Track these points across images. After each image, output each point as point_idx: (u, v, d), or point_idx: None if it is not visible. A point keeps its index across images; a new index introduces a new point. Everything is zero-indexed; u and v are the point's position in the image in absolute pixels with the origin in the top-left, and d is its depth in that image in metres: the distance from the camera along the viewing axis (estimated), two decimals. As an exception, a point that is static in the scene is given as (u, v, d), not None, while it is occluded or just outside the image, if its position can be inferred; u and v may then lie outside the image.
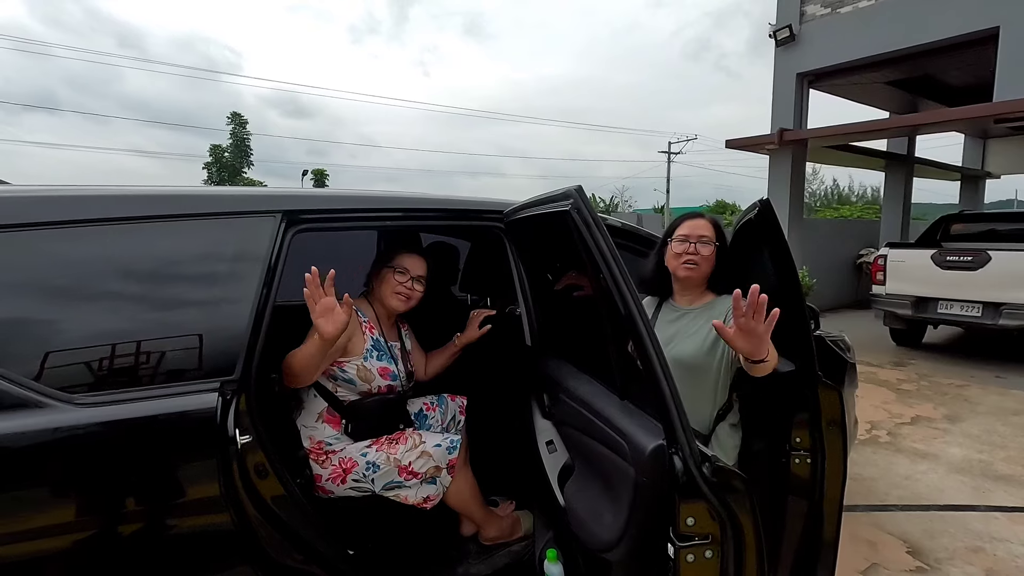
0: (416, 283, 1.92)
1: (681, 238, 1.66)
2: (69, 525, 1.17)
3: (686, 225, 1.69)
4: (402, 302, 1.90)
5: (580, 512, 1.30)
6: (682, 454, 0.99)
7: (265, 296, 1.42)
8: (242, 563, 1.38)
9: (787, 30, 8.22)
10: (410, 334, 2.12)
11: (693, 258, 1.63)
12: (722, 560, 1.00)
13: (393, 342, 1.96)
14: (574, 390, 1.44)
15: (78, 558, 1.20)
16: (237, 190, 1.79)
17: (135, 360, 1.28)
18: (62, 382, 1.20)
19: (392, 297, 1.89)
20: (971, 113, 6.91)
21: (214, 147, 25.92)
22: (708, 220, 1.70)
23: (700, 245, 1.63)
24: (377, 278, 1.93)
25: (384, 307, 1.94)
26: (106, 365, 1.25)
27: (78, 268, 1.28)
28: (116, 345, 1.27)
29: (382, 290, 1.90)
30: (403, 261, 1.91)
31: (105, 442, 1.22)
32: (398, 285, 1.88)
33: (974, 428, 4.13)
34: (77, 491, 1.19)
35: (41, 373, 1.18)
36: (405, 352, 2.02)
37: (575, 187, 1.08)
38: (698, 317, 1.64)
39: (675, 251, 1.66)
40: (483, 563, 1.89)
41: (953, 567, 2.42)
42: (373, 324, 1.89)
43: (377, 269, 1.95)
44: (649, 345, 0.98)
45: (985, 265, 5.54)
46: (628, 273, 1.03)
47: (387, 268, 1.90)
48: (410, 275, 1.90)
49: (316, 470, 1.73)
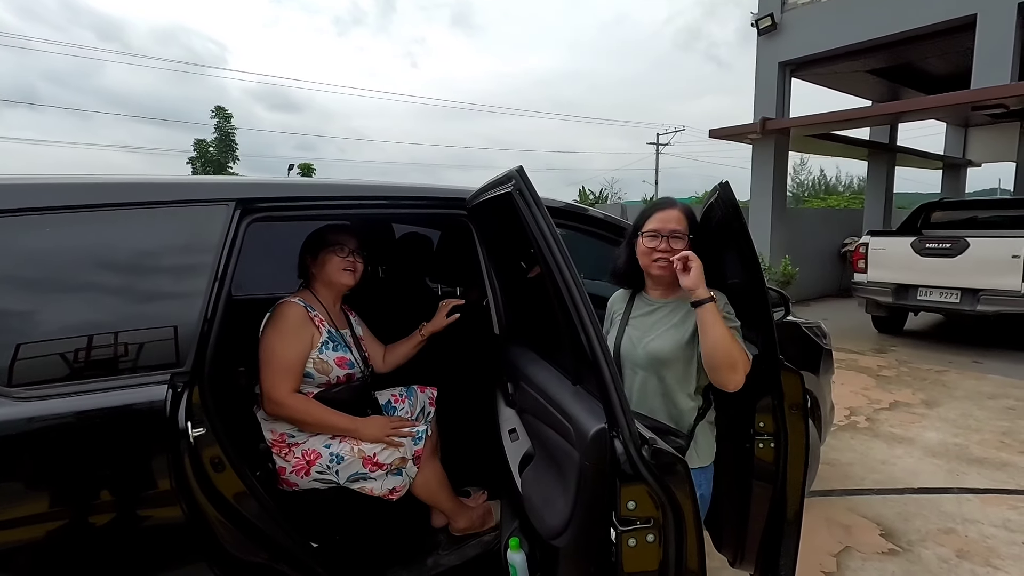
0: (355, 256, 1.93)
1: (651, 233, 1.50)
2: (9, 523, 1.14)
3: (656, 218, 1.53)
4: (351, 275, 1.91)
5: (534, 499, 1.28)
6: (622, 437, 0.98)
7: (218, 287, 1.39)
8: (199, 560, 1.35)
9: (769, 19, 8.22)
10: (360, 321, 2.11)
11: (666, 255, 1.48)
12: (663, 543, 0.99)
13: (344, 330, 1.95)
14: (533, 377, 1.42)
15: (19, 558, 1.16)
16: (189, 178, 1.75)
17: (79, 352, 1.25)
18: (2, 375, 1.16)
19: (341, 275, 1.89)
20: (950, 100, 6.96)
21: (198, 141, 25.55)
22: (680, 210, 1.54)
23: (673, 240, 1.48)
24: (316, 264, 1.90)
25: (332, 289, 1.93)
26: (48, 357, 1.21)
27: (19, 257, 1.24)
28: (59, 337, 1.23)
29: (327, 273, 1.89)
30: (337, 237, 1.91)
31: (47, 437, 1.18)
32: (341, 260, 1.89)
33: (951, 412, 4.19)
34: (18, 489, 1.16)
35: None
36: (356, 338, 2.00)
37: (516, 168, 1.05)
38: (674, 311, 1.53)
39: (646, 246, 1.51)
40: (453, 554, 1.88)
41: (925, 549, 2.45)
42: (323, 316, 1.86)
43: (313, 256, 1.92)
44: (590, 326, 0.97)
45: (963, 252, 5.60)
46: (569, 255, 1.00)
47: (325, 250, 1.89)
48: (348, 248, 1.91)
49: (279, 463, 1.71)
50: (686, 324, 1.47)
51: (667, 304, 1.55)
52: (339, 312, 2.00)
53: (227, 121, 25.99)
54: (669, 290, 1.57)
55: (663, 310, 1.54)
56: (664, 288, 1.58)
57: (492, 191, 1.27)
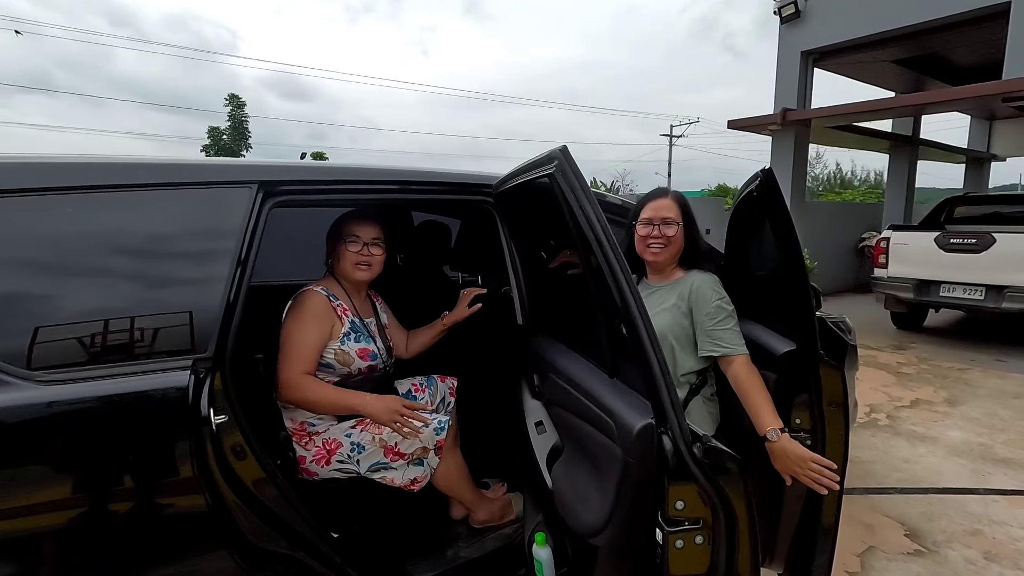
0: (372, 248, 1.83)
1: (645, 221, 1.64)
2: (30, 509, 1.12)
3: (649, 207, 1.65)
4: (364, 271, 1.83)
5: (567, 495, 1.24)
6: (671, 434, 0.93)
7: (240, 272, 1.35)
8: (219, 548, 1.33)
9: (792, 6, 8.00)
10: (385, 308, 2.06)
11: (658, 241, 1.61)
12: (713, 546, 0.94)
13: (368, 318, 1.90)
14: (564, 369, 1.38)
15: (40, 544, 1.14)
16: (210, 159, 1.71)
17: (101, 337, 1.22)
18: (23, 358, 1.13)
19: (353, 269, 1.81)
20: (980, 91, 6.76)
21: (212, 129, 25.67)
22: (672, 199, 1.66)
23: (664, 227, 1.61)
24: (334, 255, 1.85)
25: (351, 282, 1.86)
26: (70, 341, 1.19)
27: (41, 240, 1.21)
28: (81, 321, 1.20)
29: (343, 266, 1.83)
30: (352, 229, 1.82)
31: (68, 421, 1.16)
32: (354, 255, 1.80)
33: (974, 411, 4.09)
34: (38, 474, 1.14)
35: (1, 350, 1.12)
36: (381, 327, 1.96)
37: (559, 148, 1.00)
38: (669, 292, 1.63)
39: (640, 234, 1.65)
40: (473, 546, 1.85)
41: (951, 550, 2.39)
42: (346, 305, 1.82)
43: (332, 246, 1.87)
44: (638, 319, 0.92)
45: (989, 248, 5.46)
46: (617, 243, 0.95)
47: (339, 242, 1.83)
48: (362, 241, 1.81)
49: (299, 451, 1.68)
50: (677, 307, 1.59)
51: (661, 287, 1.67)
52: (364, 299, 1.95)
53: (240, 109, 26.11)
54: (663, 275, 1.70)
55: (658, 294, 1.66)
56: (658, 274, 1.71)
57: (527, 174, 1.21)
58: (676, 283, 1.64)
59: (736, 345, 1.50)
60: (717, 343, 1.51)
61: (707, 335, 1.53)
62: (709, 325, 1.52)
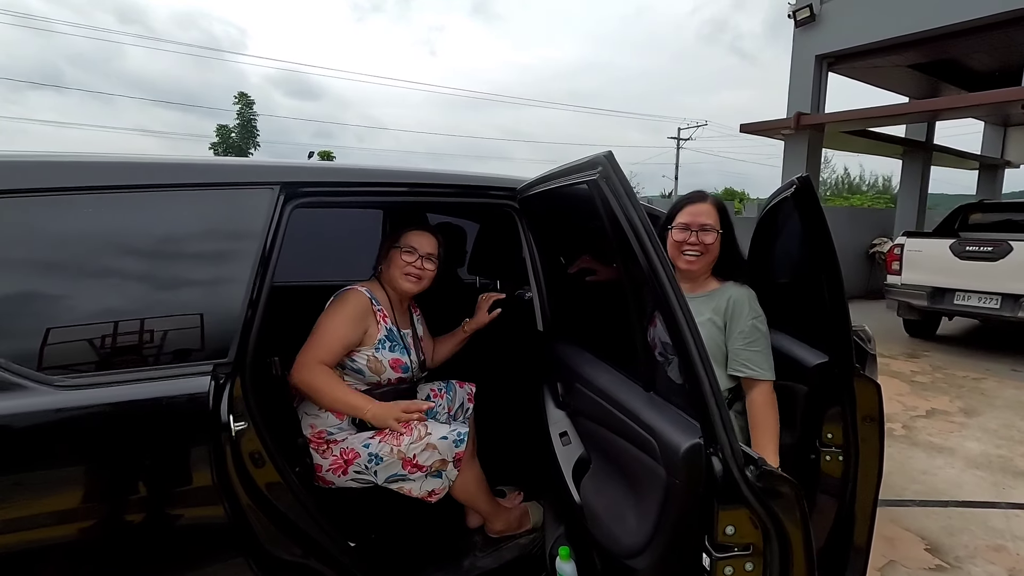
0: (426, 262, 1.81)
1: (681, 226, 1.54)
2: (48, 516, 1.09)
3: (687, 211, 1.55)
4: (413, 283, 1.80)
5: (599, 512, 1.20)
6: (722, 455, 0.89)
7: (261, 274, 1.33)
8: (236, 555, 1.30)
9: (807, 9, 7.93)
10: (421, 319, 2.03)
11: (694, 249, 1.51)
12: (765, 573, 0.90)
13: (406, 330, 1.87)
14: (592, 379, 1.34)
15: (59, 551, 1.12)
16: (231, 160, 1.68)
17: (120, 341, 1.19)
18: (41, 363, 1.11)
19: (402, 279, 1.78)
20: (999, 97, 6.67)
21: (221, 127, 25.76)
22: (711, 204, 1.56)
23: (702, 234, 1.51)
24: (385, 260, 1.83)
25: (396, 290, 1.83)
26: (89, 346, 1.16)
27: (59, 241, 1.18)
28: (100, 325, 1.18)
29: (392, 273, 1.80)
30: (410, 239, 1.80)
31: (87, 427, 1.13)
32: (407, 266, 1.78)
33: (992, 422, 4.03)
34: (56, 480, 1.11)
35: (18, 353, 1.09)
36: (417, 339, 1.92)
37: (604, 153, 0.96)
38: (703, 305, 1.53)
39: (675, 239, 1.55)
40: (489, 556, 1.82)
41: (974, 566, 2.33)
42: (387, 312, 1.79)
43: (385, 251, 1.85)
44: (688, 334, 0.88)
45: (1006, 256, 5.38)
46: (665, 253, 0.92)
47: (394, 248, 1.80)
48: (418, 253, 1.79)
49: (316, 459, 1.65)
50: (712, 322, 1.48)
51: (694, 299, 1.52)
52: (405, 311, 1.92)
53: (249, 108, 26.19)
54: (695, 284, 1.59)
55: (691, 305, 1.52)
56: (691, 282, 1.59)
57: (565, 179, 1.17)
58: (711, 295, 1.56)
59: (764, 369, 1.45)
60: (745, 364, 1.46)
61: (737, 354, 1.48)
62: (740, 344, 1.47)
